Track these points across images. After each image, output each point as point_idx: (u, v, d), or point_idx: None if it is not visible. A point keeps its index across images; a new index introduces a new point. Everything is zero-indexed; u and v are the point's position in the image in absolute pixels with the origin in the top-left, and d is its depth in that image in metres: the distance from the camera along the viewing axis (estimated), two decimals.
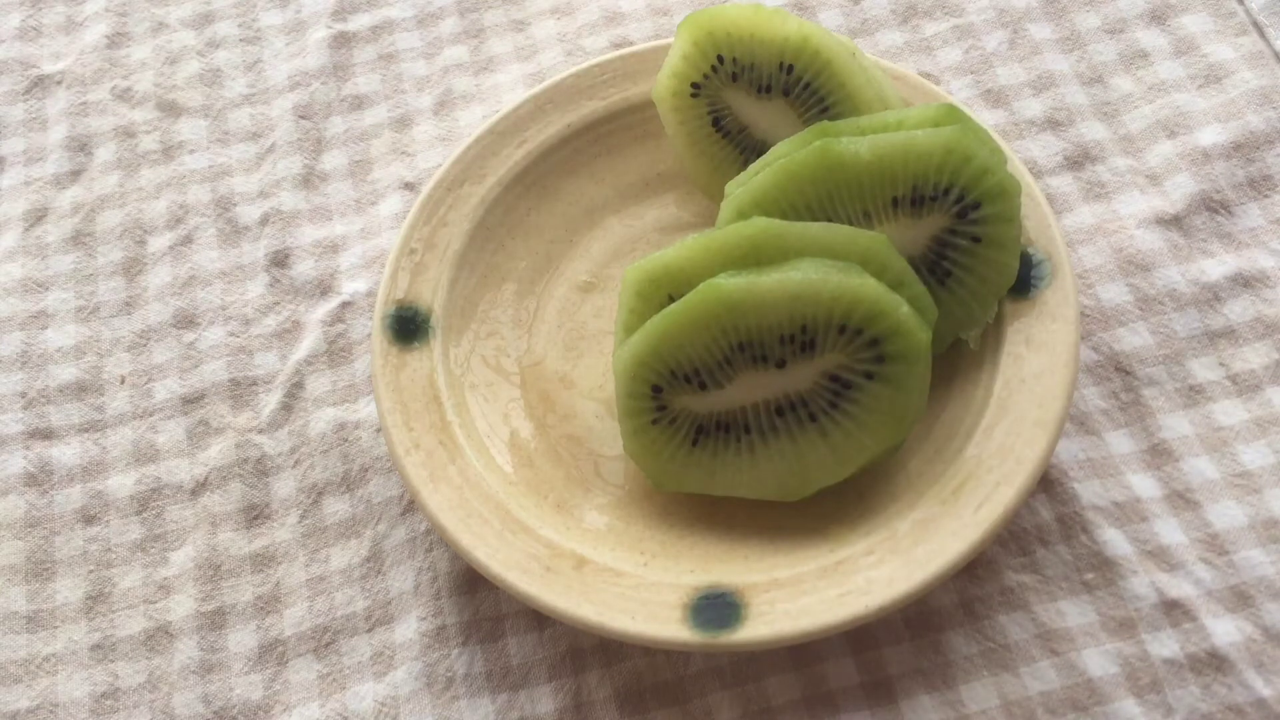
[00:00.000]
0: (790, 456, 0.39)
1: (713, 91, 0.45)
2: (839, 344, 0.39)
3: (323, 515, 0.44)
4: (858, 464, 0.39)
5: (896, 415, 0.39)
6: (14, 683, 0.42)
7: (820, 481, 0.39)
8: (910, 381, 0.38)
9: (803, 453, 0.39)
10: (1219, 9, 0.50)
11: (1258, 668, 0.38)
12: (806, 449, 0.39)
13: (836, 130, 0.41)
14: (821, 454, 0.39)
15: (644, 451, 0.40)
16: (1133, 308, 0.44)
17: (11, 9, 0.58)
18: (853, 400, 0.39)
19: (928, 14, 0.52)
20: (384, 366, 0.43)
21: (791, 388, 0.39)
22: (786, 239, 0.39)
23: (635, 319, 0.41)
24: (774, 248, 0.39)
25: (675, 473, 0.40)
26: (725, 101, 0.45)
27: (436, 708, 0.40)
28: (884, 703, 0.38)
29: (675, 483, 0.40)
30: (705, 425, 0.40)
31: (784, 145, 0.41)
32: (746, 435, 0.40)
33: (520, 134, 0.47)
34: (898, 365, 0.38)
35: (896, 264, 0.39)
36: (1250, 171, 0.46)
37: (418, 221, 0.46)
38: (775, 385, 0.39)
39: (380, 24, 0.55)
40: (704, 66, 0.45)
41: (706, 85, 0.45)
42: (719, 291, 0.38)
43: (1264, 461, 0.41)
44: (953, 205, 0.40)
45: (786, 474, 0.39)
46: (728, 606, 0.38)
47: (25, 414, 0.47)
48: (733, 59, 0.44)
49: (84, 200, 0.52)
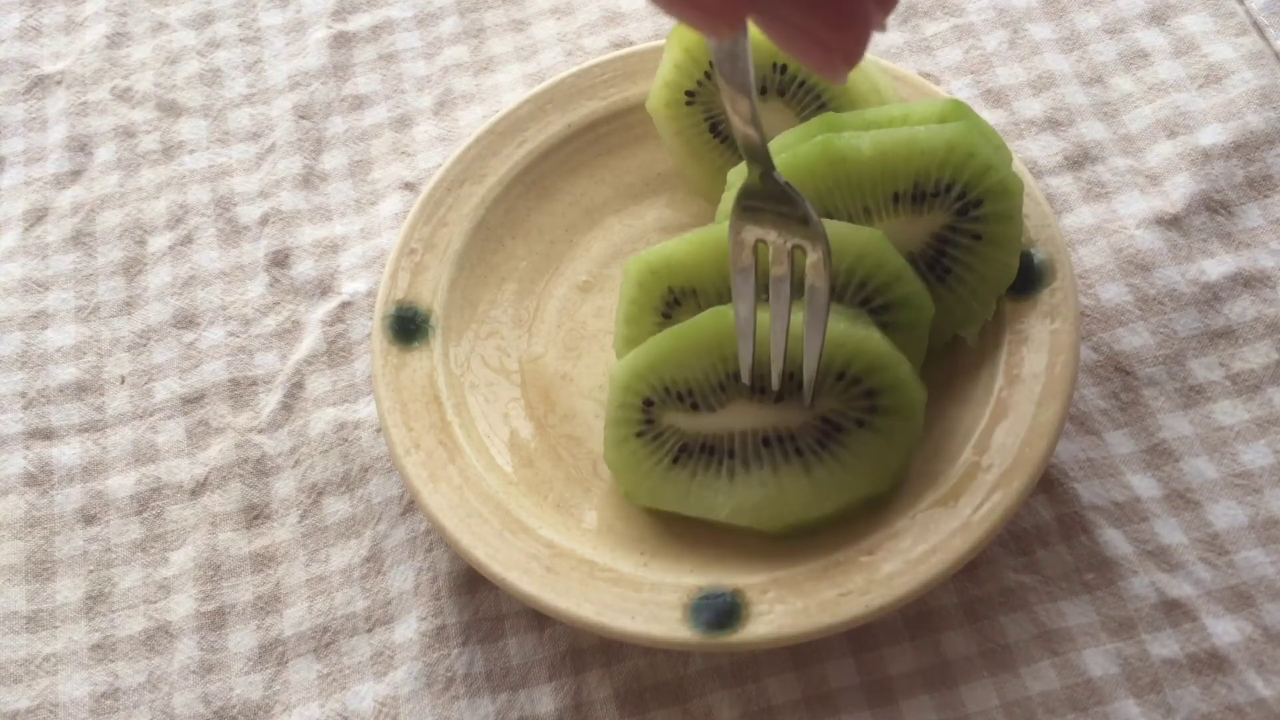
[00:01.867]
0: (770, 486, 0.39)
1: (707, 98, 0.45)
2: (836, 389, 0.39)
3: (323, 515, 0.44)
4: (836, 504, 0.38)
5: (882, 464, 0.38)
6: (14, 683, 0.42)
7: (796, 515, 0.39)
8: (900, 435, 0.38)
9: (783, 484, 0.39)
10: (1219, 9, 0.50)
11: (1258, 668, 0.38)
12: (788, 481, 0.39)
13: (841, 123, 0.41)
14: (802, 488, 0.39)
15: (623, 462, 0.40)
16: (1133, 308, 0.44)
17: (11, 9, 0.58)
18: (841, 444, 0.39)
19: (928, 14, 0.52)
20: (384, 366, 0.43)
21: (783, 423, 0.39)
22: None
23: (635, 309, 0.41)
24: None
25: (651, 487, 0.40)
26: (720, 107, 0.45)
27: (436, 708, 0.40)
28: (884, 703, 0.38)
29: (650, 497, 0.40)
30: (690, 445, 0.40)
31: (789, 135, 0.42)
32: (729, 460, 0.39)
33: (520, 134, 0.47)
34: (891, 418, 0.38)
35: (893, 261, 0.39)
36: (1250, 171, 0.46)
37: (418, 221, 0.46)
38: (767, 418, 0.39)
39: (380, 24, 0.55)
40: (696, 74, 0.45)
41: (701, 92, 0.45)
42: (726, 320, 0.39)
43: (1264, 461, 0.41)
44: (954, 202, 0.40)
45: (764, 503, 0.39)
46: (728, 606, 0.38)
47: (25, 414, 0.47)
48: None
49: (84, 200, 0.52)
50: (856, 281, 0.40)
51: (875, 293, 0.40)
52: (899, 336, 0.40)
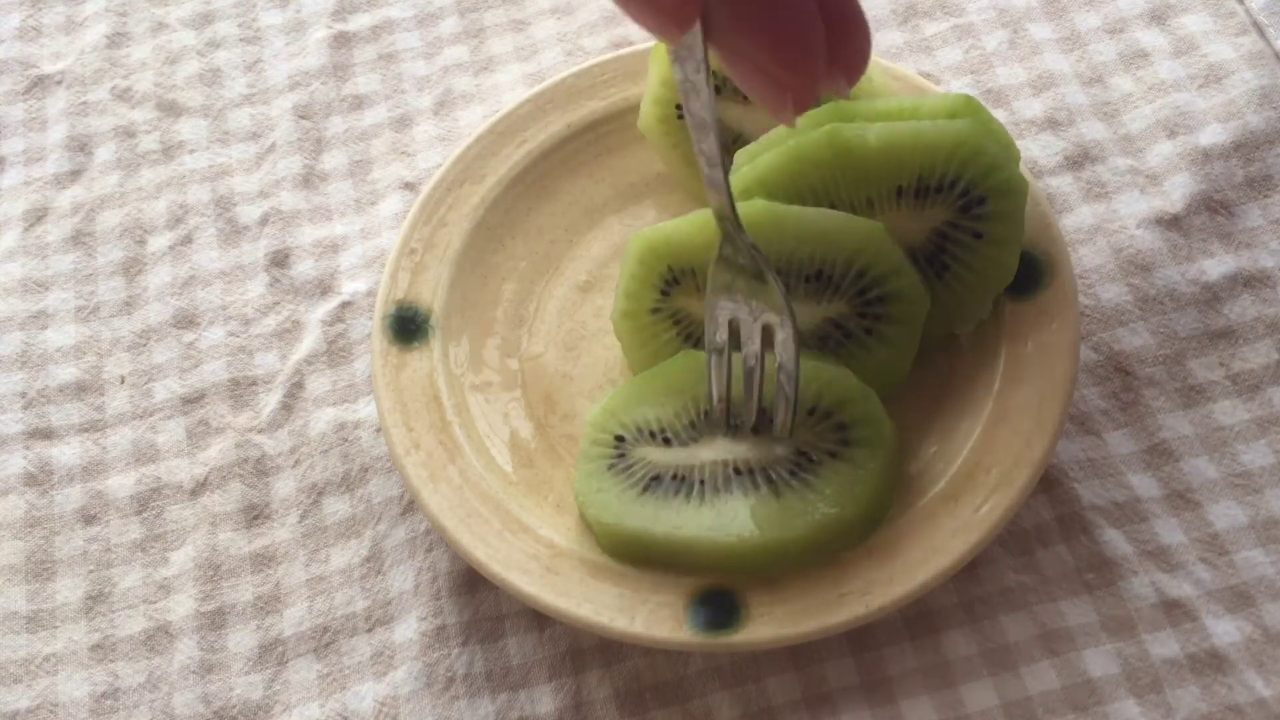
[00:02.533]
0: (742, 512, 0.39)
1: None
2: (808, 423, 0.39)
3: (323, 515, 0.44)
4: (805, 526, 0.38)
5: (853, 490, 0.38)
6: (14, 683, 0.42)
7: (764, 536, 0.38)
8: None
9: (754, 509, 0.39)
10: (1219, 9, 0.50)
11: (1258, 668, 0.38)
12: (758, 506, 0.39)
13: (852, 112, 0.41)
14: (772, 512, 0.38)
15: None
16: (1133, 308, 0.44)
17: (11, 9, 0.58)
18: (813, 473, 0.39)
19: (928, 14, 0.52)
20: (384, 366, 0.43)
21: (754, 456, 0.39)
22: (784, 223, 0.39)
23: (635, 284, 0.42)
24: (772, 231, 0.39)
25: (618, 512, 0.39)
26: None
27: (436, 708, 0.40)
28: (884, 703, 0.38)
29: (615, 520, 0.39)
30: (661, 475, 0.40)
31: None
32: (700, 487, 0.39)
33: (520, 134, 0.47)
34: (861, 449, 0.39)
35: (892, 254, 0.39)
36: (1250, 171, 0.46)
37: (418, 221, 0.46)
38: (739, 451, 0.40)
39: (380, 24, 0.55)
40: None
41: None
42: (698, 363, 0.40)
43: (1264, 461, 0.41)
44: (957, 199, 0.40)
45: (733, 527, 0.38)
46: (728, 606, 0.38)
47: (25, 414, 0.47)
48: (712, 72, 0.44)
49: (84, 200, 0.52)
50: (854, 272, 0.40)
51: (872, 284, 0.40)
52: (893, 330, 0.40)
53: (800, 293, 0.40)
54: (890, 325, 0.40)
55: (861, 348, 0.40)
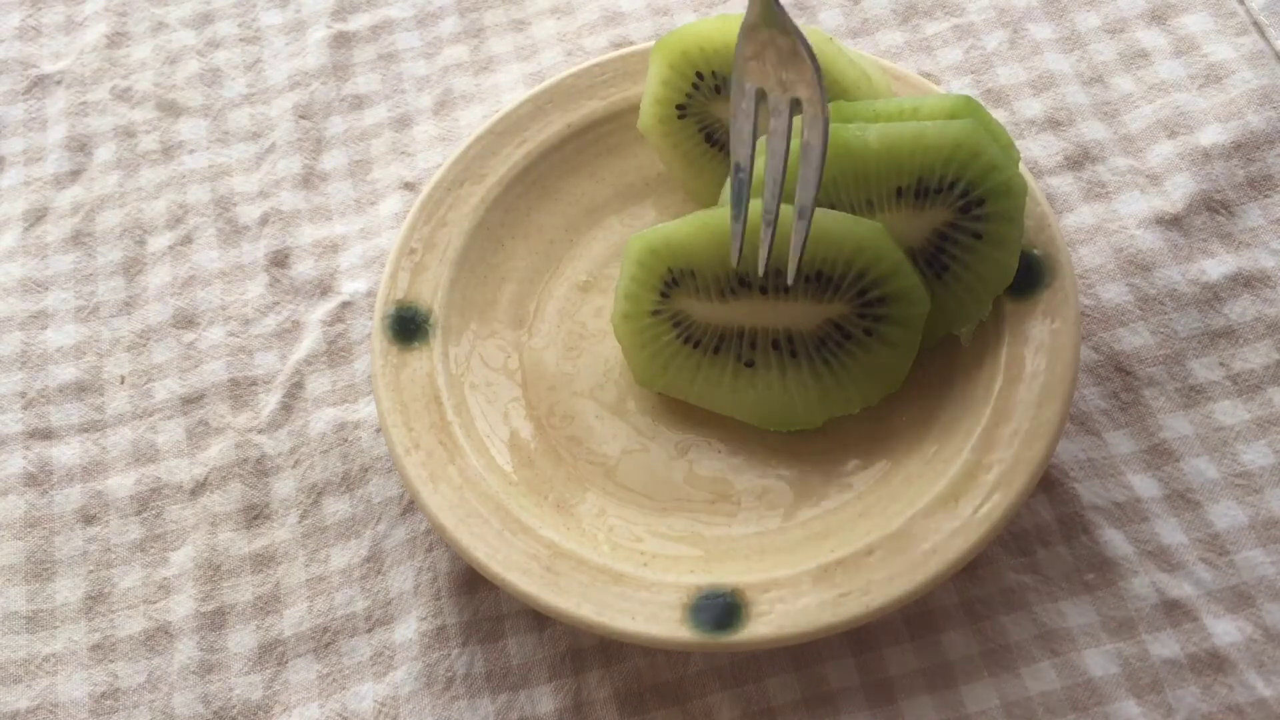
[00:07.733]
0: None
1: (699, 109, 0.45)
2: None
3: (323, 515, 0.44)
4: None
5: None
6: (14, 683, 0.42)
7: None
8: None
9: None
10: (1219, 9, 0.50)
11: (1258, 668, 0.38)
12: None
13: (851, 113, 0.41)
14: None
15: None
16: (1133, 308, 0.44)
17: (11, 9, 0.58)
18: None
19: (928, 14, 0.52)
20: (384, 366, 0.43)
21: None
22: (784, 224, 0.39)
23: (635, 286, 0.42)
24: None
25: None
26: (714, 115, 0.45)
27: (436, 708, 0.40)
28: (884, 703, 0.38)
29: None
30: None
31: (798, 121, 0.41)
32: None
33: (520, 134, 0.47)
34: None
35: (892, 254, 0.39)
36: (1250, 171, 0.46)
37: (418, 221, 0.46)
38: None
39: (380, 24, 0.55)
40: (685, 87, 0.45)
41: (691, 104, 0.45)
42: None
43: (1264, 461, 0.41)
44: (957, 200, 0.40)
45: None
46: (728, 606, 0.38)
47: (25, 414, 0.47)
48: (711, 73, 0.44)
49: (84, 200, 0.52)
50: (855, 272, 0.40)
51: (872, 284, 0.40)
52: (894, 331, 0.40)
53: (801, 293, 0.40)
54: (890, 326, 0.40)
55: (862, 348, 0.40)
